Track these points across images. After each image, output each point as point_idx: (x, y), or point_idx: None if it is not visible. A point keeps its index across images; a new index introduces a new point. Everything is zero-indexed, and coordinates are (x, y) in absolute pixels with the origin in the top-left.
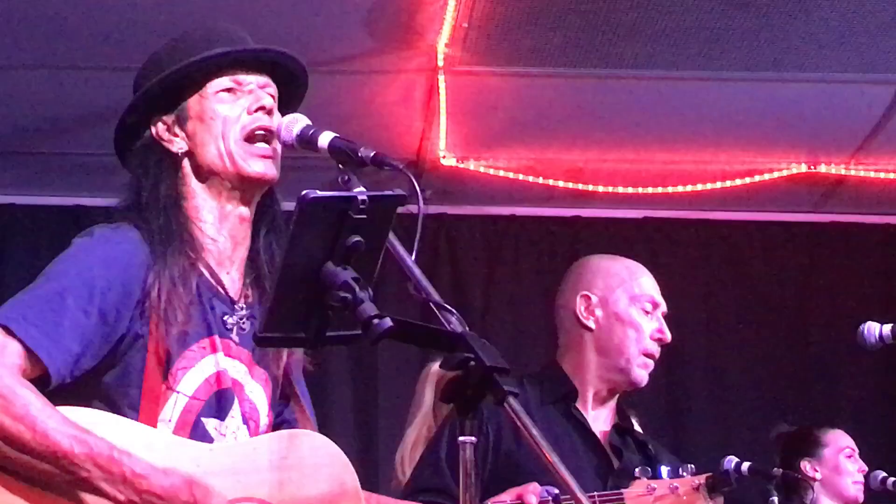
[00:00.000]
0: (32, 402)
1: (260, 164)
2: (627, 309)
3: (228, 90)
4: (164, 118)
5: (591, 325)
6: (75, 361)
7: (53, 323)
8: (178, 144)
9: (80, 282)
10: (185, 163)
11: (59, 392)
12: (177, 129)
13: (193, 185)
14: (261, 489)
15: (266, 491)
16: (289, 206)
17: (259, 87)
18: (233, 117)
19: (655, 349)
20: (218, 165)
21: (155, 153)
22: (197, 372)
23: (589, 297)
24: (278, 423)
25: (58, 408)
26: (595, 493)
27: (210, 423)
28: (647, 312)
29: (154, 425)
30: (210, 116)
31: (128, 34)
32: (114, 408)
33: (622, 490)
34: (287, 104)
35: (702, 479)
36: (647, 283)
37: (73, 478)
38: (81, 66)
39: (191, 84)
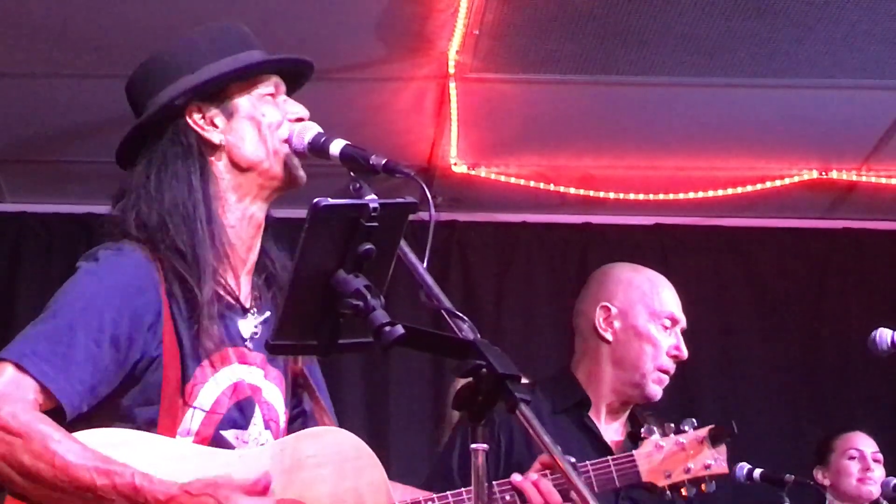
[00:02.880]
0: (50, 435)
1: (300, 168)
2: (646, 324)
3: (271, 94)
4: (203, 107)
5: (609, 336)
6: (90, 392)
7: (64, 356)
8: (217, 136)
9: (89, 313)
10: (221, 155)
11: (78, 419)
12: (217, 121)
13: (224, 182)
14: (291, 490)
15: (297, 491)
16: (300, 213)
17: (287, 94)
18: (276, 122)
19: (671, 365)
20: (263, 164)
21: (191, 137)
22: (213, 386)
23: (609, 309)
24: (296, 416)
25: (86, 432)
26: (610, 457)
27: (230, 434)
28: (665, 328)
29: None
30: (262, 115)
31: (142, 43)
32: (133, 426)
33: (633, 452)
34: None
35: (704, 431)
36: (668, 299)
37: None
38: (94, 75)
39: (239, 81)
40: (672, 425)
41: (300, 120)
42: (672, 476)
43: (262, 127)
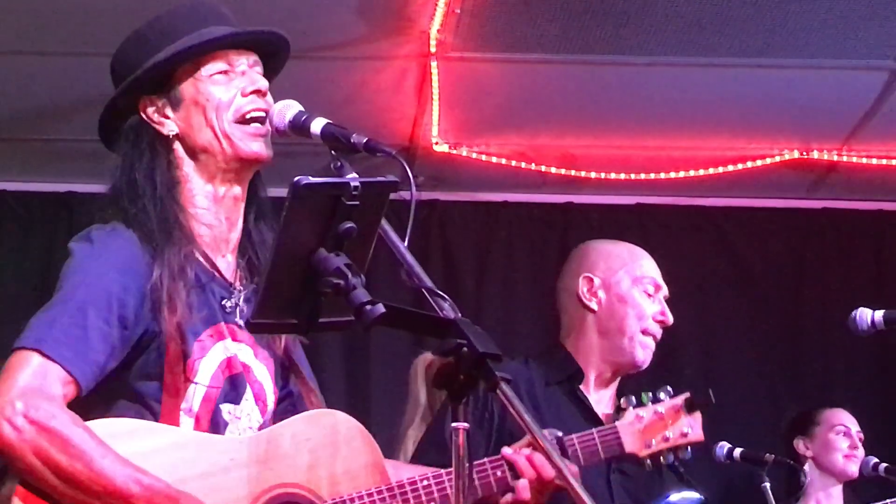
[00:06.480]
0: (87, 440)
1: (256, 144)
2: (630, 290)
3: (223, 72)
4: (154, 99)
5: (594, 306)
6: (101, 371)
7: (81, 339)
8: (170, 127)
9: (97, 292)
10: (177, 145)
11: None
12: (168, 112)
13: (186, 168)
14: (293, 474)
15: (298, 475)
16: (281, 191)
17: (249, 67)
18: (226, 100)
19: (657, 330)
20: (214, 147)
21: (147, 134)
22: (210, 360)
23: (591, 279)
24: (283, 397)
25: (93, 422)
26: (593, 429)
27: (225, 408)
28: (649, 295)
29: (176, 416)
30: (206, 99)
31: (120, 20)
32: (138, 400)
33: (616, 424)
34: (267, 75)
35: (681, 400)
36: (649, 266)
37: None
38: (73, 52)
39: (184, 66)
40: (650, 394)
41: (256, 92)
42: (652, 446)
43: (208, 110)
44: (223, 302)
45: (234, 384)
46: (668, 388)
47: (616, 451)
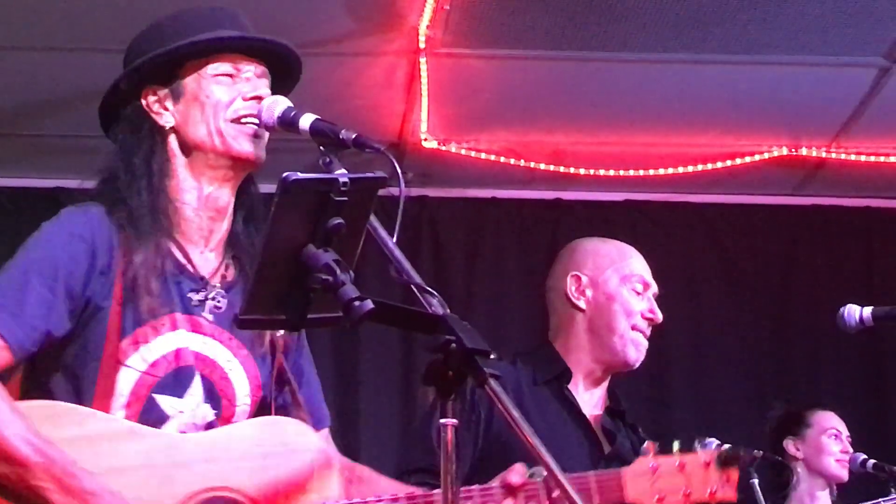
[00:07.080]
0: (1, 409)
1: (249, 144)
2: (618, 288)
3: (228, 74)
4: (157, 89)
5: (582, 304)
6: (41, 336)
7: (17, 301)
8: (167, 119)
9: (45, 261)
10: (171, 138)
11: (29, 366)
12: (168, 104)
13: (177, 162)
14: (234, 477)
15: (239, 479)
16: (270, 188)
17: (256, 77)
18: (226, 101)
19: (645, 326)
20: (207, 144)
21: (146, 123)
22: (153, 348)
23: (579, 278)
24: (278, 407)
25: (38, 402)
26: (593, 472)
27: (166, 401)
28: (637, 293)
29: (109, 399)
30: (206, 96)
31: (107, 16)
32: (74, 380)
33: (621, 469)
34: (277, 92)
35: (711, 454)
36: (637, 264)
37: (25, 485)
38: (61, 48)
39: (191, 62)
40: (679, 442)
41: (256, 99)
42: (666, 499)
43: (206, 107)
44: (189, 294)
45: (178, 376)
46: (714, 440)
47: (616, 498)
